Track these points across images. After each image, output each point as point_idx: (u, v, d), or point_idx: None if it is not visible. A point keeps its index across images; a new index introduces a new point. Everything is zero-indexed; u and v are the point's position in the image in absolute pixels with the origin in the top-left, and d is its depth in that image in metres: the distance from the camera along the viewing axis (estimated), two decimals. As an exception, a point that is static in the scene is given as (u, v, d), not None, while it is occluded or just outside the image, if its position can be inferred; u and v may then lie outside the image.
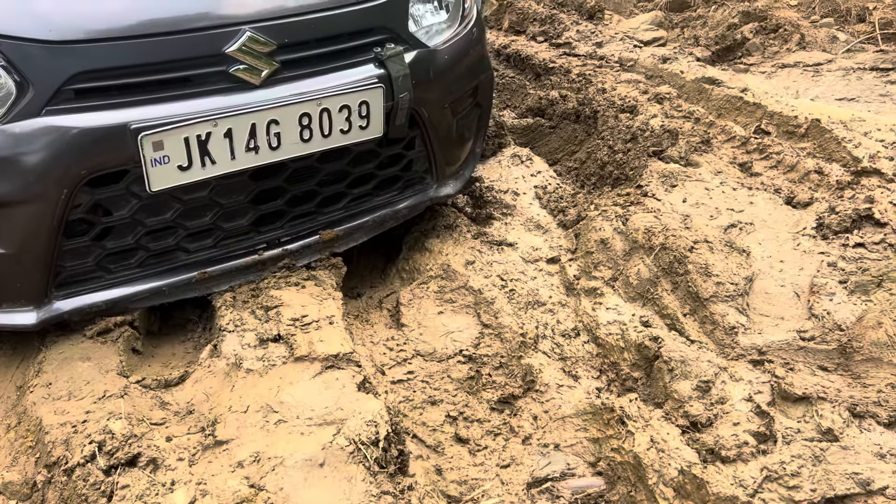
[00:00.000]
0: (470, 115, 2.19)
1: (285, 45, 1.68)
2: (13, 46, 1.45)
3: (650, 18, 4.68)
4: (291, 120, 1.69)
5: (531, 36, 4.51)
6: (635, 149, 2.59)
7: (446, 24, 2.03)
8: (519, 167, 2.68)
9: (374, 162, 1.97)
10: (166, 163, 1.57)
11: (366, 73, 1.80)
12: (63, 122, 1.48)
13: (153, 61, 1.55)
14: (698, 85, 3.56)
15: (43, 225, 1.53)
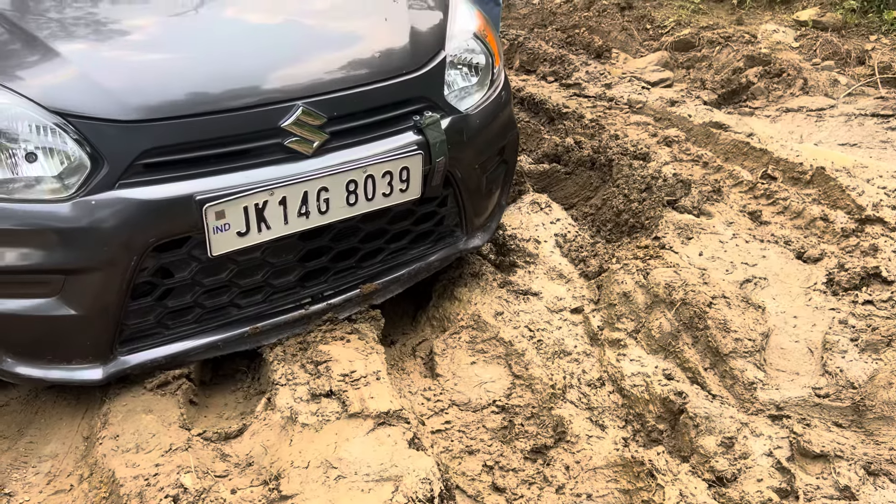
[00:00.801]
0: (497, 170, 2.31)
1: (334, 117, 1.81)
2: (90, 126, 1.58)
3: (656, 59, 4.84)
4: (339, 186, 1.81)
5: (542, 76, 4.66)
6: (650, 199, 2.72)
7: (477, 90, 2.16)
8: (538, 214, 2.80)
9: (410, 219, 2.09)
10: (227, 230, 1.69)
11: (406, 140, 1.92)
12: (134, 194, 1.60)
13: (216, 136, 1.67)
14: (706, 129, 3.70)
15: (113, 289, 1.64)
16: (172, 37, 1.82)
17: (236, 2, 2.01)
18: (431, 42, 2.04)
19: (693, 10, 6.01)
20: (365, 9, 2.08)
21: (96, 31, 1.79)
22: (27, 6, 1.81)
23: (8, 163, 1.57)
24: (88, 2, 1.87)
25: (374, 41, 1.95)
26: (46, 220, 1.56)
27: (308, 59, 1.85)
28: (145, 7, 1.92)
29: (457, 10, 2.20)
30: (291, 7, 2.01)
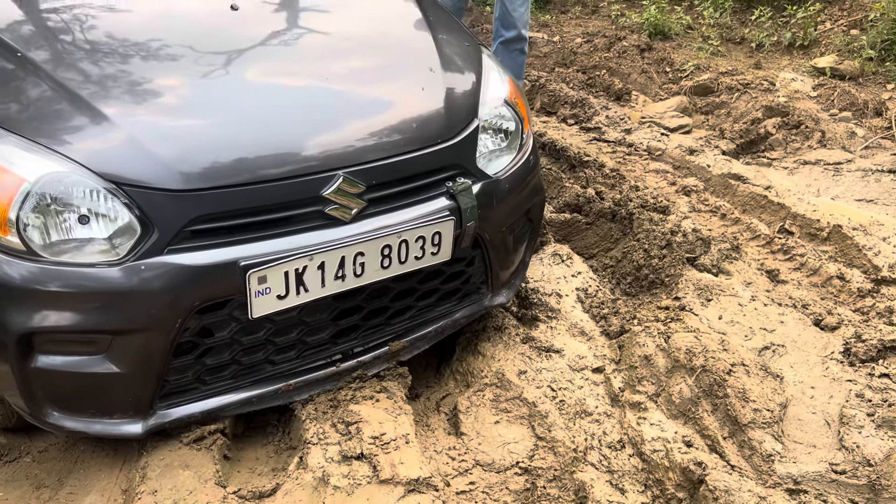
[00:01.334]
0: (523, 229, 2.37)
1: (372, 185, 1.88)
2: (142, 193, 1.66)
3: (676, 104, 4.91)
4: (375, 251, 1.88)
5: (562, 118, 4.74)
6: (670, 256, 2.78)
7: (507, 155, 2.22)
8: (560, 266, 2.87)
9: (439, 279, 2.16)
10: (268, 293, 1.76)
11: (439, 206, 1.99)
12: (182, 259, 1.67)
13: (260, 204, 1.75)
14: (724, 180, 3.77)
15: (158, 348, 1.71)
16: (212, 100, 1.89)
17: (271, 61, 2.08)
18: (465, 110, 2.11)
19: (712, 53, 6.09)
20: (402, 76, 2.16)
21: (138, 91, 1.86)
22: (64, 60, 1.88)
23: (63, 226, 1.65)
24: (122, 57, 1.94)
25: (411, 110, 2.02)
26: (98, 283, 1.63)
27: (349, 128, 1.92)
28: (180, 65, 1.98)
29: (489, 77, 2.28)
30: (328, 70, 2.09)
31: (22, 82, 1.78)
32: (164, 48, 1.98)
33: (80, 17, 2.02)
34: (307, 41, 2.20)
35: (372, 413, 1.88)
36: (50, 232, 1.64)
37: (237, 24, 2.15)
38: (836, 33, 5.98)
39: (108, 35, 1.98)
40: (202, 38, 2.07)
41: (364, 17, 2.42)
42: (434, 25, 2.38)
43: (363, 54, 2.20)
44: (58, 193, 1.63)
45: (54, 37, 1.92)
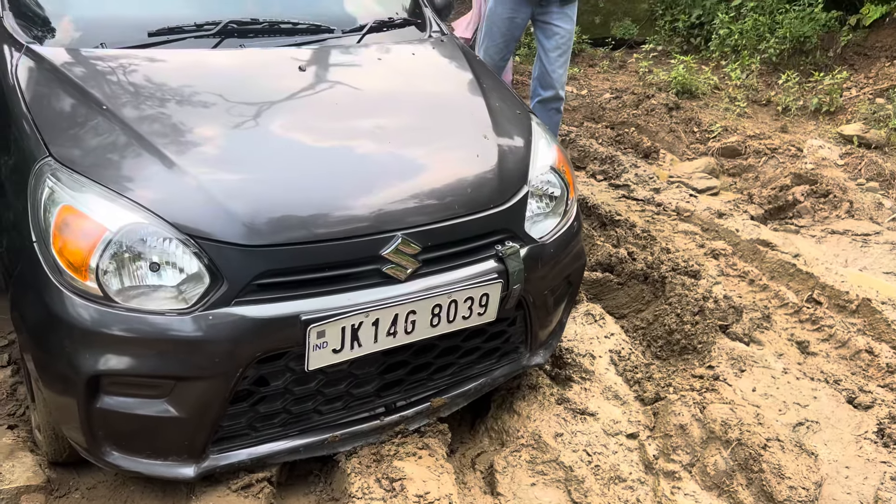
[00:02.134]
0: (563, 292, 2.43)
1: (427, 246, 1.95)
2: (215, 247, 1.73)
3: (703, 165, 4.99)
4: (426, 310, 1.95)
5: (591, 173, 4.83)
6: (703, 323, 2.83)
7: (552, 220, 2.30)
8: (593, 326, 2.92)
9: (481, 337, 2.21)
10: (324, 347, 1.82)
11: (488, 268, 2.05)
12: (248, 312, 1.74)
13: (323, 262, 1.83)
14: (753, 246, 3.82)
15: (217, 395, 1.77)
16: (282, 159, 1.97)
17: (337, 122, 2.17)
18: (516, 177, 2.19)
19: (738, 114, 6.20)
20: (458, 141, 2.24)
21: (213, 147, 1.95)
22: (146, 115, 1.98)
23: (136, 273, 1.73)
24: (199, 113, 2.03)
25: (466, 176, 2.10)
26: (168, 331, 1.70)
27: (408, 191, 2.00)
28: (251, 122, 2.08)
29: (538, 144, 2.36)
30: (390, 133, 2.17)
31: (106, 134, 1.88)
32: (237, 106, 2.08)
33: (161, 75, 2.12)
34: (370, 103, 2.29)
35: (415, 470, 1.93)
36: (124, 279, 1.72)
37: (304, 84, 2.25)
38: (862, 101, 6.08)
39: (187, 92, 2.09)
40: (272, 97, 2.17)
41: (423, 81, 2.52)
42: (487, 92, 2.48)
43: (422, 119, 2.30)
44: (135, 243, 1.71)
45: (138, 93, 2.02)
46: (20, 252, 1.81)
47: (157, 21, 2.30)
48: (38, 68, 2.07)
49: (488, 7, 4.03)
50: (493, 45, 3.98)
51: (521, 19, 4.00)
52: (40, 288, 1.73)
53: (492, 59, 3.96)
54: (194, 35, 2.30)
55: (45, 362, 1.79)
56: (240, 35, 2.37)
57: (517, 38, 4.14)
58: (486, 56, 3.93)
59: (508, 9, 3.93)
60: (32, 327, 1.79)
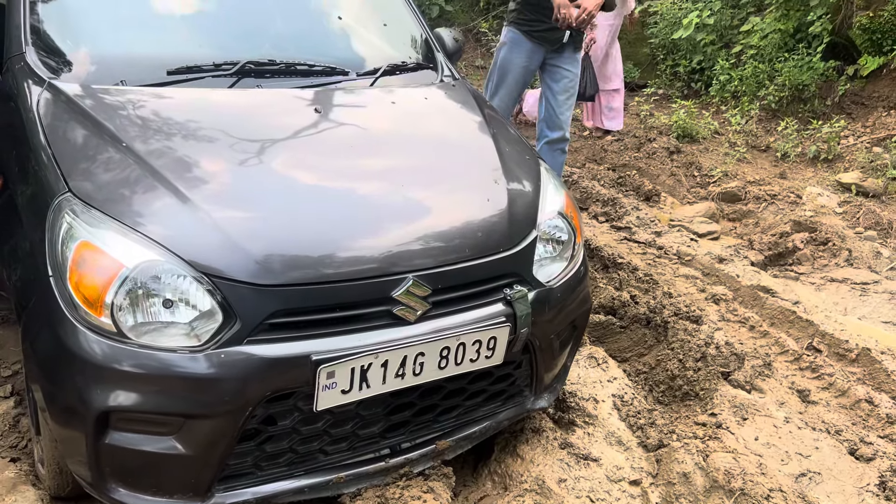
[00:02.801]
0: (569, 336, 2.45)
1: (438, 289, 1.97)
2: (229, 286, 1.75)
3: (704, 209, 5.04)
4: (434, 352, 1.96)
5: (594, 214, 4.88)
6: (705, 369, 2.84)
7: (559, 264, 2.32)
8: (596, 370, 2.93)
9: (487, 380, 2.22)
10: (333, 388, 1.83)
11: (496, 311, 2.07)
12: (259, 351, 1.75)
13: (335, 302, 1.85)
14: (753, 292, 3.85)
15: (226, 434, 1.77)
16: (297, 200, 2.00)
17: (350, 164, 2.21)
18: (525, 221, 2.23)
19: (738, 160, 6.28)
20: (469, 185, 2.28)
21: (229, 186, 1.98)
22: (164, 153, 2.01)
23: (150, 310, 1.74)
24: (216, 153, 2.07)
25: (477, 220, 2.14)
26: (180, 368, 1.71)
27: (420, 233, 2.03)
28: (268, 163, 2.12)
29: (547, 189, 2.40)
30: (402, 176, 2.21)
31: (124, 170, 1.91)
32: (252, 145, 2.12)
33: (179, 113, 2.17)
34: (383, 145, 2.33)
35: (420, 514, 1.93)
36: (137, 315, 1.73)
37: (319, 125, 2.29)
38: (860, 150, 6.17)
39: (204, 131, 2.12)
40: (287, 137, 2.21)
41: (435, 125, 2.57)
42: (497, 136, 2.53)
43: (434, 162, 2.34)
44: (150, 280, 1.73)
45: (156, 130, 2.06)
46: (35, 285, 1.82)
47: (175, 60, 2.35)
48: (59, 104, 2.11)
49: (501, 55, 4.10)
50: (508, 93, 4.02)
51: (535, 65, 4.07)
52: (54, 322, 1.74)
53: (506, 106, 4.02)
54: (212, 74, 2.35)
55: (55, 396, 1.79)
56: (256, 75, 2.42)
57: (528, 83, 4.22)
58: (501, 103, 3.99)
59: (524, 57, 3.98)
60: (44, 360, 1.80)
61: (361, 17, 3.03)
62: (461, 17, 10.54)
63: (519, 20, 3.99)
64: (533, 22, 3.94)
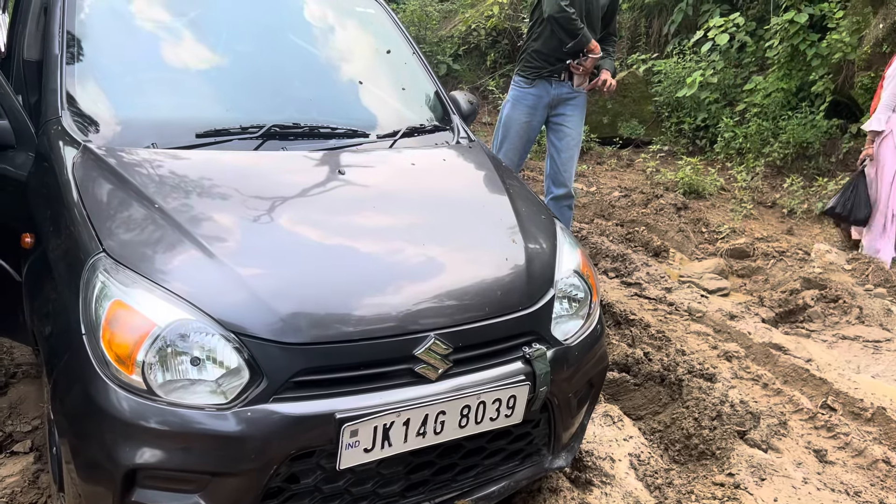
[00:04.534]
0: (586, 395, 2.47)
1: (458, 347, 2.00)
2: (257, 344, 1.79)
3: (713, 266, 5.09)
4: (455, 410, 1.98)
5: (603, 270, 4.92)
6: (721, 428, 2.85)
7: (575, 322, 2.36)
8: (611, 428, 2.93)
9: (506, 439, 2.23)
10: (356, 446, 1.85)
11: (515, 369, 2.09)
12: (285, 409, 1.78)
13: (359, 360, 1.88)
14: (765, 349, 3.86)
15: (250, 491, 1.78)
16: (323, 260, 2.05)
17: (374, 225, 2.27)
18: (543, 280, 2.27)
19: (745, 216, 6.35)
20: (488, 245, 2.33)
21: (258, 246, 2.04)
22: (196, 216, 2.08)
23: (179, 368, 1.78)
24: (245, 215, 2.13)
25: (496, 279, 2.18)
26: (208, 426, 1.73)
27: (441, 292, 2.07)
28: (295, 224, 2.18)
29: (563, 248, 2.45)
30: (423, 236, 2.27)
31: (156, 231, 1.97)
32: (279, 206, 2.19)
33: (208, 175, 2.24)
34: (404, 206, 2.40)
35: (442, 575, 1.92)
36: (166, 373, 1.77)
37: (341, 186, 2.36)
38: (866, 207, 6.23)
39: (232, 192, 2.19)
40: (312, 198, 2.28)
41: (453, 186, 2.64)
42: (513, 196, 2.59)
43: (453, 222, 2.40)
44: (180, 338, 1.77)
45: (186, 191, 2.13)
46: (67, 342, 1.86)
47: (204, 123, 2.44)
48: (93, 166, 2.18)
49: (504, 113, 4.25)
50: (512, 149, 4.16)
51: (537, 122, 4.21)
52: (86, 379, 1.77)
53: (511, 162, 4.13)
54: (239, 137, 2.43)
55: (83, 452, 1.81)
56: (281, 138, 2.50)
57: (533, 140, 4.33)
58: (506, 158, 4.11)
59: (525, 114, 4.14)
60: (73, 416, 1.82)
61: (381, 81, 3.14)
62: (468, 76, 10.80)
63: (525, 67, 4.22)
64: (538, 68, 4.17)
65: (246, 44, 2.91)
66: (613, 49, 4.35)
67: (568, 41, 3.99)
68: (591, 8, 4.04)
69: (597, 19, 4.12)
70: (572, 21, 3.91)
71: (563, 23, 3.92)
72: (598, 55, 4.03)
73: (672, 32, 9.35)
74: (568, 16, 3.88)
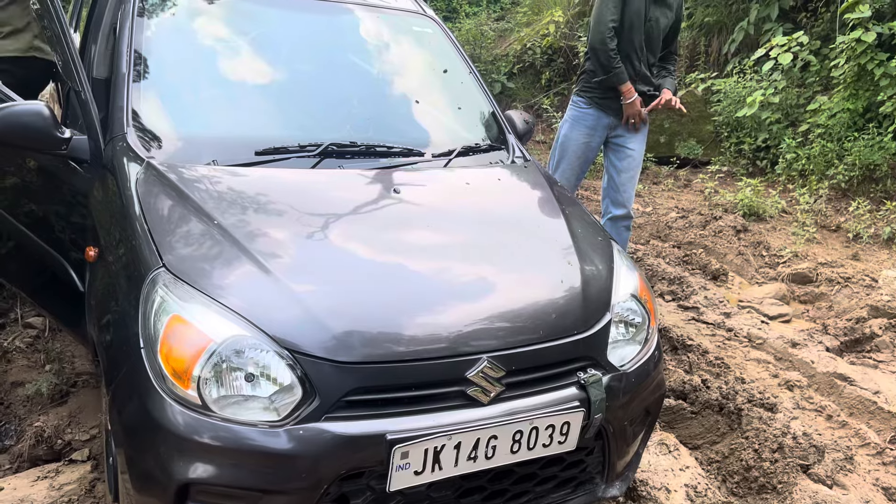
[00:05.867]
0: (642, 423, 2.40)
1: (511, 370, 1.97)
2: (311, 362, 1.79)
3: (774, 291, 4.92)
4: (507, 435, 1.94)
5: (660, 293, 4.81)
6: (783, 461, 2.73)
7: (631, 347, 2.30)
8: (667, 457, 2.84)
9: (559, 466, 2.18)
10: (407, 468, 1.83)
11: (569, 395, 2.05)
12: (337, 428, 1.77)
13: (411, 381, 1.86)
14: (829, 379, 3.71)
15: (301, 512, 1.78)
16: (377, 279, 2.05)
17: (428, 244, 2.26)
18: (599, 304, 2.22)
19: (808, 239, 6.14)
20: (543, 267, 2.30)
21: (314, 264, 2.05)
22: (254, 233, 2.10)
23: (233, 384, 1.79)
24: (302, 233, 2.15)
25: (551, 302, 2.14)
26: (261, 443, 1.73)
27: (494, 314, 2.04)
28: (351, 242, 2.18)
29: (620, 271, 2.40)
30: (478, 256, 2.25)
31: (215, 247, 2.00)
32: (335, 224, 2.20)
33: (267, 192, 2.27)
34: (458, 225, 2.38)
35: None
36: (221, 388, 1.78)
37: (397, 205, 2.36)
38: (937, 232, 5.97)
39: (290, 209, 2.21)
40: (367, 216, 2.29)
41: (508, 206, 2.62)
42: (569, 217, 2.55)
43: (508, 243, 2.37)
44: (235, 354, 1.78)
45: (245, 208, 2.16)
46: (126, 355, 1.89)
47: (263, 141, 2.48)
48: (156, 181, 2.23)
49: (562, 132, 4.19)
50: (569, 169, 4.10)
51: (596, 143, 4.14)
52: (143, 392, 1.80)
53: (568, 182, 4.08)
54: (297, 155, 2.46)
55: (138, 464, 1.83)
56: (338, 156, 2.52)
57: (592, 160, 4.26)
58: (563, 179, 4.05)
59: (584, 134, 4.08)
60: (130, 429, 1.85)
61: (438, 100, 3.15)
62: (523, 94, 10.78)
63: (586, 88, 4.08)
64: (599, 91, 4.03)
65: (305, 62, 2.96)
66: (674, 68, 4.27)
67: (600, 74, 3.92)
68: (651, 29, 3.97)
69: (657, 41, 4.04)
70: (611, 57, 3.83)
71: (601, 56, 3.85)
72: (629, 100, 3.92)
73: (732, 51, 9.16)
74: (607, 50, 3.81)
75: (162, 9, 2.83)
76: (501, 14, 12.41)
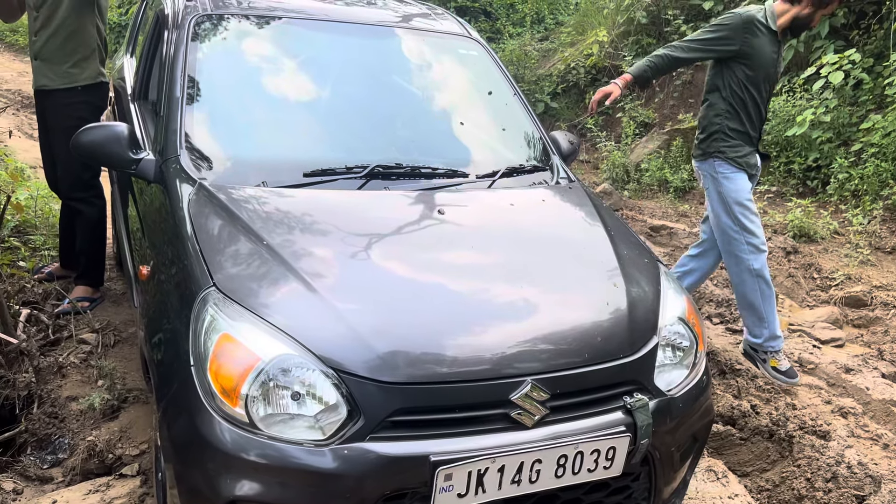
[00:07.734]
0: (689, 449, 2.35)
1: (556, 394, 1.95)
2: (356, 381, 1.80)
3: (826, 315, 4.79)
4: (552, 459, 1.92)
5: (707, 315, 4.72)
6: (836, 491, 2.64)
7: (678, 371, 2.26)
8: (715, 484, 2.78)
9: (604, 492, 2.14)
10: (450, 490, 1.82)
11: (615, 419, 2.02)
12: (381, 448, 1.77)
13: (454, 403, 1.86)
14: (886, 406, 3.58)
15: (345, 532, 1.79)
16: (421, 300, 2.06)
17: (471, 265, 2.26)
18: (646, 327, 2.19)
19: (861, 262, 5.97)
20: (588, 289, 2.28)
21: (359, 285, 2.06)
22: (302, 255, 2.13)
23: (280, 402, 1.81)
24: (348, 254, 2.17)
25: (597, 324, 2.12)
26: (306, 462, 1.75)
27: (538, 336, 2.03)
28: (395, 263, 2.20)
29: (667, 294, 2.36)
30: (521, 277, 2.24)
31: (264, 267, 2.03)
32: (380, 245, 2.23)
33: (315, 212, 2.31)
34: (503, 247, 2.38)
35: None
36: (267, 406, 1.80)
37: (442, 226, 2.38)
38: None
39: (337, 230, 2.24)
40: (413, 237, 2.31)
41: (553, 227, 2.61)
42: (615, 239, 2.53)
43: (553, 264, 2.36)
44: (282, 372, 1.81)
45: (293, 229, 2.20)
46: (177, 372, 1.93)
47: (311, 163, 2.52)
48: (207, 202, 2.29)
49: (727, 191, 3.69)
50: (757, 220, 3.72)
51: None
52: (192, 409, 1.83)
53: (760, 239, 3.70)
54: (344, 177, 2.50)
55: (186, 480, 1.86)
56: (384, 177, 2.55)
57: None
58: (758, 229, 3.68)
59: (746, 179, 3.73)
60: (179, 445, 1.89)
61: (482, 121, 3.16)
62: (566, 114, 10.76)
63: (723, 149, 3.64)
64: (737, 147, 3.66)
65: (352, 85, 3.01)
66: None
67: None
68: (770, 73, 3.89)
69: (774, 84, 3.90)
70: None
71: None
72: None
73: (781, 70, 9.02)
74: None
75: (214, 34, 2.91)
76: (545, 34, 12.44)
